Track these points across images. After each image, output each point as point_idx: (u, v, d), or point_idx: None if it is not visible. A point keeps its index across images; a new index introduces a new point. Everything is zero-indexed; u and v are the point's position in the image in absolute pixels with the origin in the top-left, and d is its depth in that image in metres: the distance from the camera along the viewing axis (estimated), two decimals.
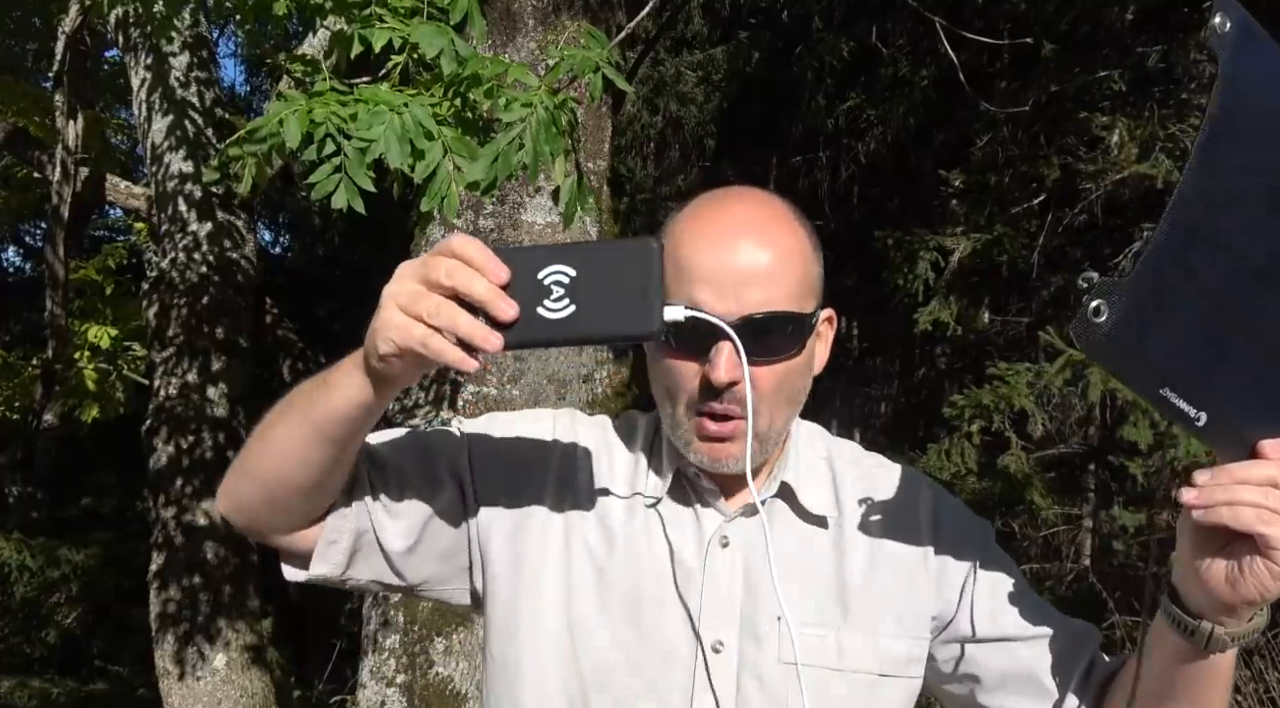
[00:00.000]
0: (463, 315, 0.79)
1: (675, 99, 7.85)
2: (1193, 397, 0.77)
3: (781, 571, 0.98)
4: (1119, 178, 4.72)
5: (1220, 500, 0.80)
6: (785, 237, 0.96)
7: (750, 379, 0.92)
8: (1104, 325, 0.72)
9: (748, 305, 0.92)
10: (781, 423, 0.99)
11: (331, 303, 9.52)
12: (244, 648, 3.88)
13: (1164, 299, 0.74)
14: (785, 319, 0.93)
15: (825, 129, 7.58)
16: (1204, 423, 0.78)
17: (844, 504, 1.05)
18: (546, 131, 1.38)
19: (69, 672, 8.12)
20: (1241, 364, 0.79)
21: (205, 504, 3.89)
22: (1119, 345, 0.74)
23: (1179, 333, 0.76)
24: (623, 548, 1.01)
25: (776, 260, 0.94)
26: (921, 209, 6.49)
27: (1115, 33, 5.28)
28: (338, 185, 1.34)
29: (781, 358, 0.95)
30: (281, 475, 0.93)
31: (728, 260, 0.92)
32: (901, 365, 8.29)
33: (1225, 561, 0.83)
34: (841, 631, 0.99)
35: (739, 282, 0.92)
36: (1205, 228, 0.74)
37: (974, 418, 4.50)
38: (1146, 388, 0.77)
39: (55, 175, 4.05)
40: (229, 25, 7.84)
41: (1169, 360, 0.76)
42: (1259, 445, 0.81)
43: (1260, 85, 0.76)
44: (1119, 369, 0.76)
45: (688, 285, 0.93)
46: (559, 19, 3.53)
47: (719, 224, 0.95)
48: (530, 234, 3.36)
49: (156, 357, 4.02)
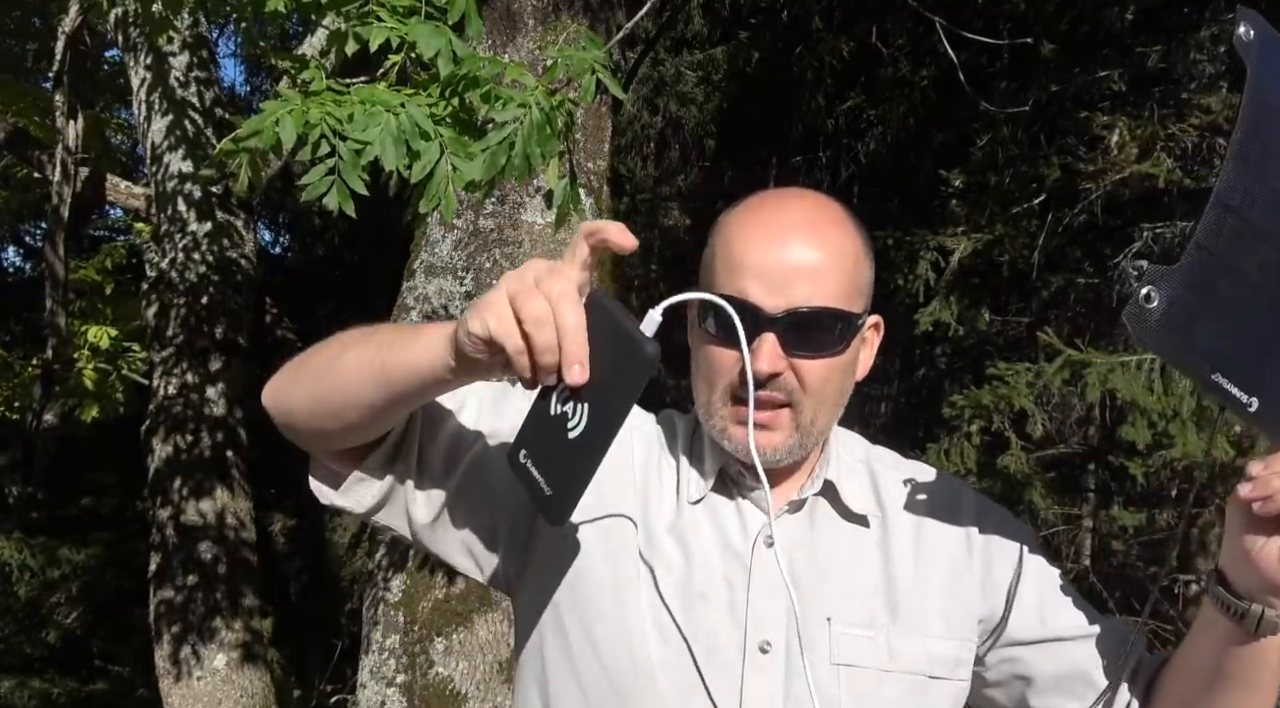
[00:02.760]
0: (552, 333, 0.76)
1: (675, 99, 7.85)
2: (1245, 383, 0.79)
3: (827, 569, 1.00)
4: (1119, 178, 4.72)
5: (1277, 488, 0.81)
6: (838, 237, 0.97)
7: (794, 370, 0.94)
8: (1155, 312, 0.75)
9: (795, 300, 0.93)
10: (825, 422, 0.99)
11: (331, 303, 9.51)
12: (244, 648, 3.88)
13: (1211, 289, 0.77)
14: (832, 316, 0.94)
15: (825, 129, 7.57)
16: (1256, 409, 0.80)
17: (885, 505, 1.05)
18: (540, 133, 1.38)
19: (69, 672, 8.12)
20: None
21: (203, 504, 3.89)
22: (1170, 331, 0.76)
23: (1228, 321, 0.78)
24: (669, 547, 1.00)
25: (827, 259, 0.94)
26: (921, 209, 6.49)
27: (1115, 33, 5.28)
28: (330, 187, 1.34)
29: (827, 353, 0.95)
30: (332, 402, 0.91)
31: (779, 255, 0.93)
32: (901, 365, 8.28)
33: (1278, 542, 0.83)
34: (891, 632, 0.98)
35: (788, 276, 0.93)
36: (1246, 222, 0.77)
37: (974, 418, 4.50)
38: (1199, 373, 0.79)
39: (55, 175, 4.05)
40: (229, 25, 7.84)
41: (1219, 347, 0.78)
42: None
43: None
44: (1171, 355, 0.78)
45: (739, 278, 0.94)
46: (559, 19, 3.53)
47: (774, 221, 0.97)
48: (530, 234, 3.36)
49: (156, 357, 4.02)
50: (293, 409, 0.95)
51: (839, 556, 1.01)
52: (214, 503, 3.89)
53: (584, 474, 0.78)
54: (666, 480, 1.04)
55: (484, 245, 3.37)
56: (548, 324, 0.76)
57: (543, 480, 0.81)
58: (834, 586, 0.99)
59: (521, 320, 0.77)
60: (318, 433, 0.95)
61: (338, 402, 0.90)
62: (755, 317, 0.92)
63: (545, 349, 0.76)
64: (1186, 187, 4.80)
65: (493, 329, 0.77)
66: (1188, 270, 0.76)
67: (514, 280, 0.79)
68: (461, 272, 3.36)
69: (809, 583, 0.98)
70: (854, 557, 1.01)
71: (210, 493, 3.89)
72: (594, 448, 0.78)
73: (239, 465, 4.01)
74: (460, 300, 3.34)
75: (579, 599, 0.99)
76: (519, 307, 0.77)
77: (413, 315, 3.39)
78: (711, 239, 1.01)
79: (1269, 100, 0.78)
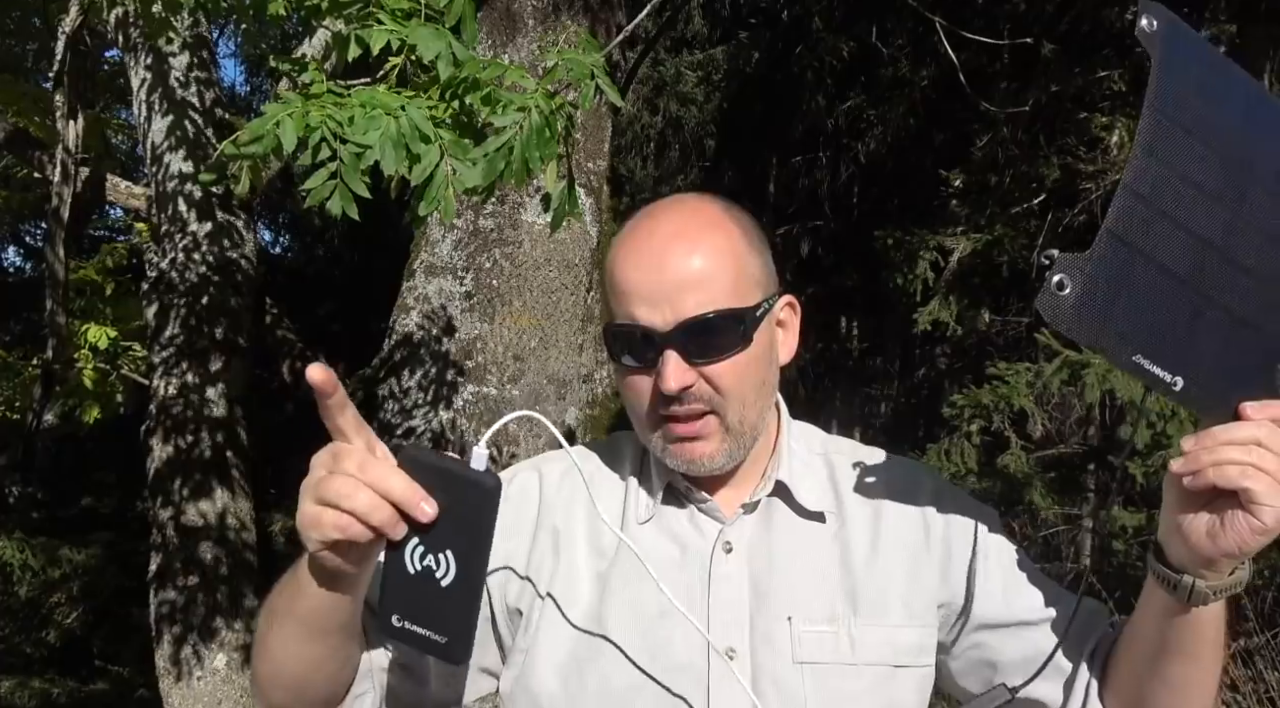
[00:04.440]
0: (369, 495, 0.77)
1: (675, 99, 7.85)
2: (1167, 363, 0.81)
3: (786, 569, 1.00)
4: (1119, 178, 4.71)
5: (1206, 462, 0.83)
6: (714, 239, 0.98)
7: (705, 378, 0.95)
8: (1069, 298, 0.76)
9: (683, 311, 0.94)
10: (754, 417, 1.00)
11: (331, 303, 9.52)
12: (244, 649, 3.87)
13: (1126, 274, 0.79)
14: (726, 317, 0.95)
15: (825, 129, 7.58)
16: (1181, 388, 0.82)
17: (843, 497, 1.06)
18: (539, 137, 1.38)
19: (69, 672, 8.12)
20: (1213, 332, 0.83)
21: (203, 504, 3.89)
22: (1086, 316, 0.77)
23: (1146, 304, 0.80)
24: (622, 571, 1.01)
25: (706, 263, 0.96)
26: (921, 209, 6.49)
27: (1115, 33, 5.28)
28: (333, 191, 1.34)
29: (730, 353, 0.96)
30: (295, 677, 0.94)
31: (657, 273, 0.95)
32: (901, 365, 8.28)
33: (1207, 516, 0.85)
34: (853, 624, 0.99)
35: (671, 291, 0.94)
36: (1159, 210, 0.80)
37: (974, 418, 4.51)
38: (1120, 356, 0.80)
39: (55, 175, 4.04)
40: (229, 25, 7.85)
41: (1138, 330, 0.80)
42: (1240, 407, 0.84)
43: (1195, 75, 0.82)
44: (1089, 338, 0.80)
45: (626, 305, 0.96)
46: (559, 19, 3.53)
47: (648, 242, 0.98)
48: (530, 234, 3.36)
49: (156, 357, 4.02)
50: (281, 704, 0.97)
51: (796, 554, 1.02)
52: (214, 503, 3.89)
53: (472, 610, 0.82)
54: (611, 506, 1.05)
55: (484, 245, 3.37)
56: (357, 492, 0.77)
57: (431, 633, 0.83)
58: (793, 584, 1.00)
59: (338, 506, 0.77)
60: (313, 701, 0.96)
61: (297, 672, 0.93)
62: (649, 338, 0.95)
63: (371, 510, 0.77)
64: None
65: (324, 534, 0.78)
66: (1101, 257, 0.78)
67: (308, 487, 0.79)
68: (461, 271, 3.37)
69: (768, 584, 1.00)
70: (811, 553, 1.02)
71: (210, 493, 3.89)
72: (472, 585, 0.81)
73: (239, 466, 4.01)
74: (460, 300, 3.34)
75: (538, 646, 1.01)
76: (326, 498, 0.78)
77: (413, 315, 3.39)
78: (603, 268, 1.04)
79: (1174, 88, 0.80)
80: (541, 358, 3.28)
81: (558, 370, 3.30)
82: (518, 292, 3.32)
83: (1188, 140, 0.81)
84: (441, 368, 3.29)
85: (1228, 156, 0.83)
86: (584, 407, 3.43)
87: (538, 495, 1.07)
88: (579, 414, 3.38)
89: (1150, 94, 0.79)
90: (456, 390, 3.26)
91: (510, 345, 3.29)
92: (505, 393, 3.25)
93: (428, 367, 3.30)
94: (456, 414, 3.24)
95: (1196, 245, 0.82)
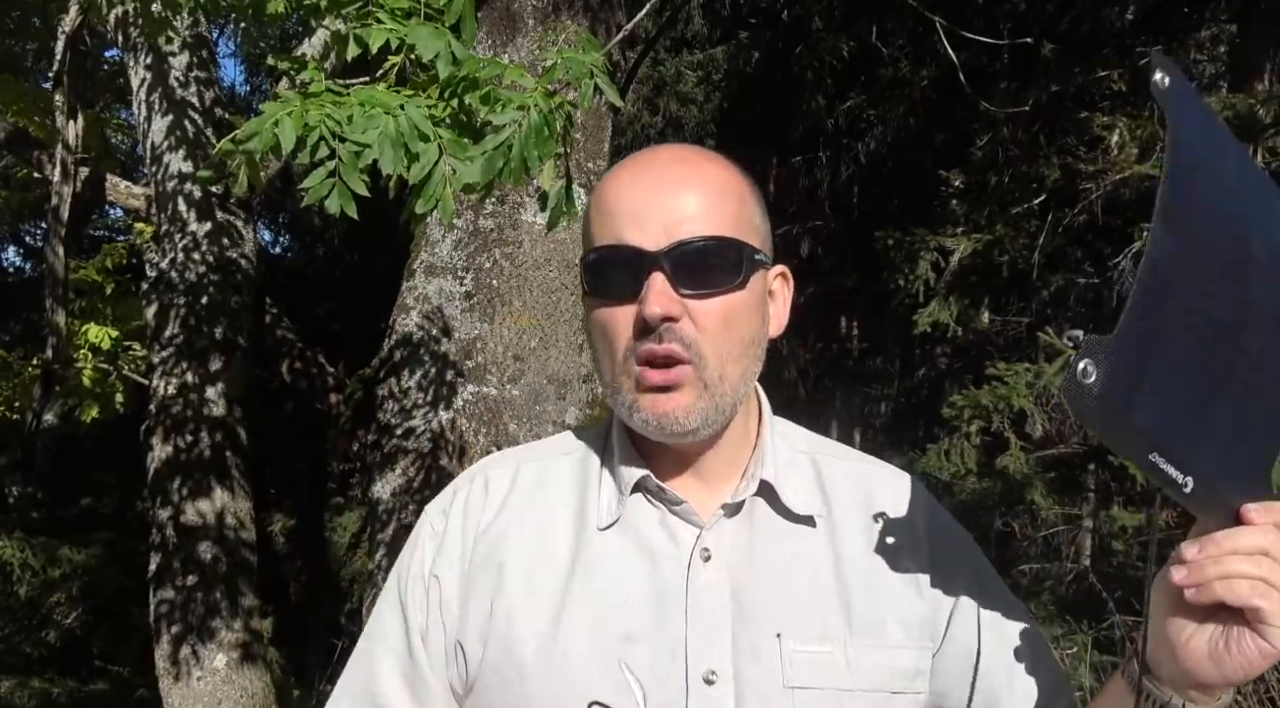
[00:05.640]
0: None
1: (675, 99, 7.85)
2: (1179, 461, 0.73)
3: (773, 579, 0.89)
4: (1119, 178, 4.72)
5: (1213, 575, 0.74)
6: (717, 171, 0.89)
7: (690, 315, 0.85)
8: (1094, 387, 0.68)
9: (679, 234, 0.84)
10: (736, 377, 0.88)
11: (331, 303, 9.53)
12: (244, 648, 3.88)
13: (1145, 359, 0.71)
14: (725, 245, 0.85)
15: (825, 129, 7.58)
16: (1191, 489, 0.74)
17: (831, 500, 0.94)
18: (538, 135, 1.37)
19: (69, 672, 8.12)
20: (1221, 426, 0.76)
21: (203, 504, 3.89)
22: (1109, 407, 0.70)
23: (1161, 393, 0.72)
24: (580, 589, 0.89)
25: (708, 190, 0.87)
26: (921, 209, 6.50)
27: (1115, 33, 5.29)
28: (331, 190, 1.34)
29: (722, 289, 0.85)
30: None
31: (654, 195, 0.86)
32: (901, 365, 8.28)
33: (1209, 635, 0.76)
34: (849, 644, 0.88)
35: (668, 211, 0.85)
36: (1177, 287, 0.72)
37: (973, 418, 4.51)
38: (1137, 453, 0.72)
39: (55, 175, 4.04)
40: (229, 25, 7.85)
41: (1156, 424, 0.72)
42: (1243, 511, 0.76)
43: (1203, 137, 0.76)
44: (1111, 433, 0.72)
45: (613, 225, 0.86)
46: (559, 19, 3.53)
47: (646, 168, 0.89)
48: (530, 234, 3.36)
49: (156, 357, 4.02)
50: None
51: (785, 562, 0.90)
52: (214, 503, 3.89)
53: None
54: (567, 513, 0.93)
55: (484, 245, 3.37)
56: None
57: None
58: (781, 596, 0.88)
59: None
60: None
61: None
62: (635, 261, 0.84)
63: None
64: None
65: None
66: (1123, 339, 0.69)
67: None
68: (461, 271, 3.37)
69: (753, 596, 0.88)
70: (801, 562, 0.90)
71: (210, 493, 3.89)
72: None
73: (239, 466, 4.01)
74: (460, 300, 3.34)
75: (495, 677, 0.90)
76: None
77: (413, 315, 3.39)
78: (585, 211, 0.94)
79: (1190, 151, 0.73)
80: (541, 358, 3.28)
81: (558, 370, 3.30)
82: (518, 292, 3.32)
83: (1202, 206, 0.74)
84: (441, 368, 3.29)
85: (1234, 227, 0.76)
86: (584, 407, 3.43)
87: (481, 508, 0.96)
88: (579, 414, 3.38)
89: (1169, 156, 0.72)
90: (456, 390, 3.26)
91: (510, 345, 3.29)
92: (505, 393, 3.25)
93: (427, 367, 3.30)
94: (456, 414, 3.24)
95: (1210, 327, 0.74)
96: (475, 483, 0.98)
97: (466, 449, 3.20)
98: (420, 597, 0.95)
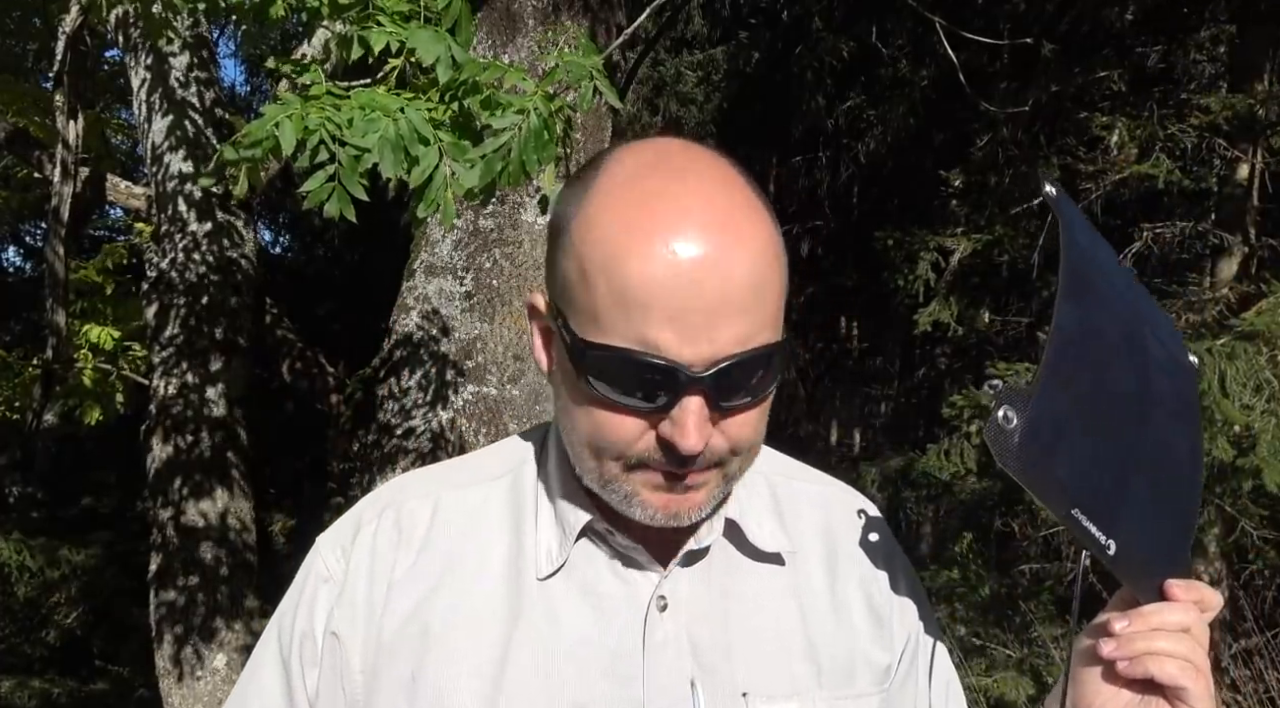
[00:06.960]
0: None
1: (675, 99, 7.86)
2: (1102, 524, 0.72)
3: (738, 630, 0.80)
4: (1119, 178, 4.73)
5: (1141, 650, 0.73)
6: (754, 229, 0.69)
7: (723, 427, 0.71)
8: (1015, 432, 0.67)
9: (723, 345, 0.67)
10: (750, 465, 0.78)
11: (331, 303, 9.54)
12: (243, 648, 3.88)
13: (1063, 420, 0.71)
14: (767, 355, 0.69)
15: (825, 129, 7.59)
16: (1114, 552, 0.73)
17: (792, 531, 0.85)
18: (537, 139, 1.37)
19: (69, 672, 8.13)
20: (1139, 497, 0.76)
21: (203, 504, 3.90)
22: (1030, 456, 0.68)
23: (1083, 455, 0.72)
24: (523, 652, 0.76)
25: (755, 280, 0.68)
26: (921, 209, 6.51)
27: (1115, 33, 5.29)
28: (331, 193, 1.33)
29: (760, 401, 0.72)
30: None
31: (693, 286, 0.66)
32: (901, 365, 8.29)
33: (1126, 702, 0.75)
34: (818, 699, 0.80)
35: (711, 315, 0.66)
36: (1084, 355, 0.73)
37: (973, 418, 4.51)
38: (1059, 506, 0.71)
39: (55, 175, 4.05)
40: (229, 25, 7.85)
41: (1076, 480, 0.71)
42: (1167, 586, 0.75)
43: (1090, 239, 0.79)
44: (1032, 481, 0.70)
45: (637, 321, 0.67)
46: (559, 19, 3.53)
47: (675, 226, 0.67)
48: (530, 234, 3.37)
49: (156, 357, 4.03)
50: None
51: (750, 611, 0.81)
52: (214, 504, 3.90)
53: None
54: (498, 561, 0.80)
55: (484, 245, 3.37)
56: None
57: None
58: (746, 649, 0.79)
59: None
60: None
61: None
62: (672, 374, 0.67)
63: None
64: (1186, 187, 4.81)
65: None
66: (1041, 396, 0.69)
67: None
68: (461, 272, 3.37)
69: (717, 654, 0.78)
70: (767, 609, 0.81)
71: (210, 493, 3.89)
72: None
73: (239, 466, 4.01)
74: (460, 300, 3.34)
75: None
76: None
77: (413, 315, 3.39)
78: (571, 235, 0.71)
79: (1079, 245, 0.77)
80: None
81: None
82: (518, 292, 3.32)
83: (1099, 289, 0.77)
84: (441, 368, 3.29)
85: (1127, 314, 0.79)
86: None
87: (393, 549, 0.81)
88: None
89: (1064, 246, 0.75)
90: (456, 390, 3.26)
91: (510, 345, 3.29)
92: (505, 393, 3.26)
93: (428, 367, 3.30)
94: (456, 414, 3.24)
95: (1118, 405, 0.75)
96: (385, 519, 0.82)
97: (466, 449, 3.20)
98: (311, 658, 0.79)
